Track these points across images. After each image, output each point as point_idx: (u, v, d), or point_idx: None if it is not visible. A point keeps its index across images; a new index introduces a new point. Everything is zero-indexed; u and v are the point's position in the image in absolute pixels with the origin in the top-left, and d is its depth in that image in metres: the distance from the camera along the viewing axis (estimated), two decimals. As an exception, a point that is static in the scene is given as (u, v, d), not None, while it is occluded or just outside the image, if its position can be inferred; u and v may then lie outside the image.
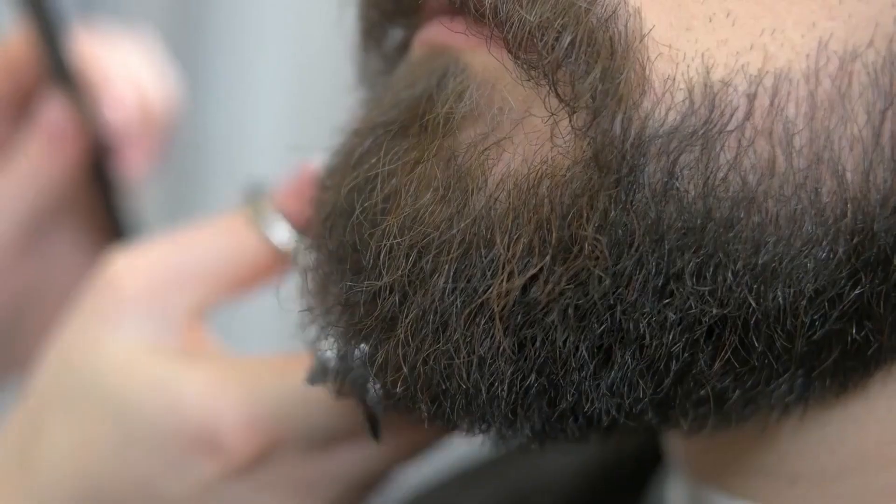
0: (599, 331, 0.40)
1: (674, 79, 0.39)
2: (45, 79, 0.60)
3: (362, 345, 0.42)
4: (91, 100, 0.60)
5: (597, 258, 0.39)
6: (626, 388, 0.41)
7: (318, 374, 0.43)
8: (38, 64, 0.60)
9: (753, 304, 0.39)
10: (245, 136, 1.15)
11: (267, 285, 0.49)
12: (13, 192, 0.60)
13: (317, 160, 0.47)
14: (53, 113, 0.60)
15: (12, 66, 0.61)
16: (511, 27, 0.40)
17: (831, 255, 0.39)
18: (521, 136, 0.41)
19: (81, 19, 0.64)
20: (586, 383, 0.40)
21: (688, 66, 0.39)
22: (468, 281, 0.40)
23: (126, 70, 0.62)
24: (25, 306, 0.63)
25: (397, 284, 0.41)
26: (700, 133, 0.39)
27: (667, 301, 0.40)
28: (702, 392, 0.41)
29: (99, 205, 0.63)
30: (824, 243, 0.39)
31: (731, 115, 0.39)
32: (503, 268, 0.40)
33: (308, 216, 0.46)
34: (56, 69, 0.59)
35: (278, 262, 0.49)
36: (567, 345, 0.40)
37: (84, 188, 0.63)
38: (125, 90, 0.61)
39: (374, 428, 0.43)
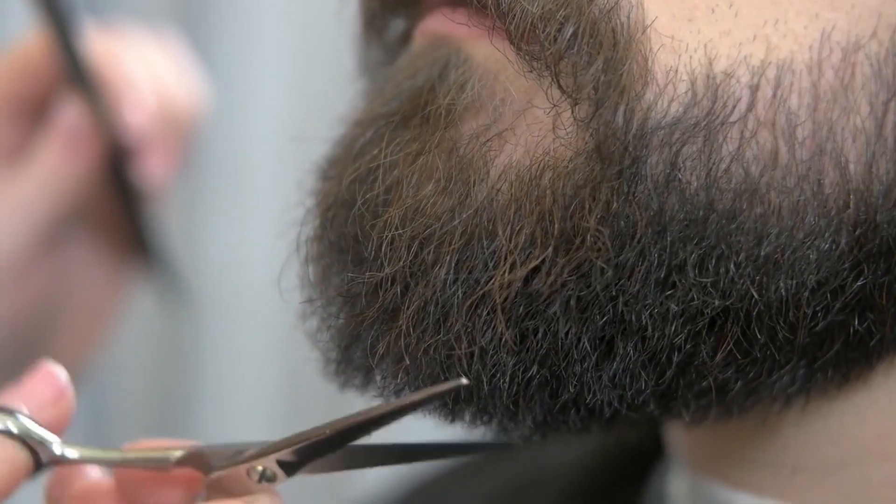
0: (601, 322, 0.40)
1: (676, 70, 0.39)
2: (63, 81, 0.59)
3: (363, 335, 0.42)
4: (109, 102, 0.59)
5: (599, 249, 0.39)
6: (628, 379, 0.41)
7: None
8: (55, 66, 0.59)
9: (756, 296, 0.39)
10: (245, 127, 1.15)
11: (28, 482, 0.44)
12: (31, 194, 0.59)
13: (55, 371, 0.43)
14: (70, 115, 0.59)
15: (30, 69, 0.60)
16: (513, 18, 0.40)
17: (834, 247, 0.39)
18: (523, 127, 0.41)
19: (98, 18, 0.63)
20: (588, 375, 0.40)
21: (690, 58, 0.39)
22: (470, 272, 0.40)
23: (148, 72, 0.61)
24: (45, 312, 0.62)
25: (399, 275, 0.41)
26: (702, 124, 0.39)
27: (669, 292, 0.40)
28: (704, 383, 0.41)
29: (118, 209, 0.63)
30: (827, 234, 0.39)
31: (734, 107, 0.39)
32: (505, 259, 0.40)
33: (58, 420, 0.43)
34: (72, 71, 0.58)
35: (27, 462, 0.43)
36: (569, 336, 0.40)
37: (103, 192, 0.62)
38: (145, 93, 0.60)
39: None
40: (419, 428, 0.52)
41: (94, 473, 0.45)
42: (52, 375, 0.43)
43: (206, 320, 1.17)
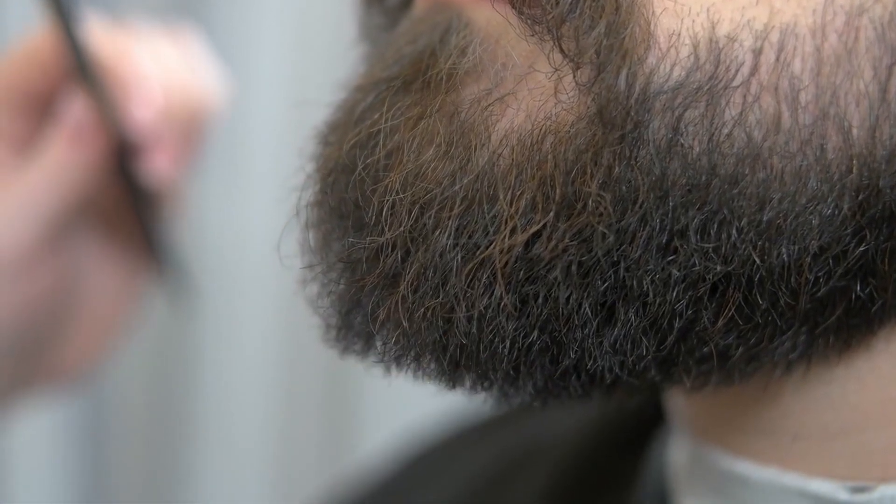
0: (603, 288, 0.40)
1: (679, 34, 0.39)
2: (70, 75, 0.59)
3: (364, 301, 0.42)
4: (115, 97, 0.59)
5: (601, 214, 0.39)
6: (629, 345, 0.41)
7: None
8: (62, 60, 0.59)
9: (758, 261, 0.39)
10: (246, 92, 1.14)
11: None
12: (36, 188, 0.58)
13: None
14: (76, 110, 0.59)
15: (37, 63, 0.60)
16: None
17: (836, 212, 0.39)
18: (525, 91, 0.40)
19: (108, 14, 0.62)
20: (589, 340, 0.40)
21: (693, 21, 0.39)
22: (470, 237, 0.40)
23: (158, 68, 0.60)
24: (54, 308, 0.61)
25: (399, 240, 0.41)
26: (705, 89, 0.39)
27: (671, 258, 0.39)
28: (705, 349, 0.41)
29: (127, 207, 0.62)
30: (829, 200, 0.39)
31: (737, 71, 0.39)
32: (506, 224, 0.40)
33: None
34: (78, 65, 0.58)
35: None
36: (570, 302, 0.40)
37: (111, 189, 0.61)
38: (153, 88, 0.59)
39: None
40: (419, 394, 0.52)
41: None
42: None
43: (205, 286, 1.17)
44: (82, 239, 0.63)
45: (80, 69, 0.58)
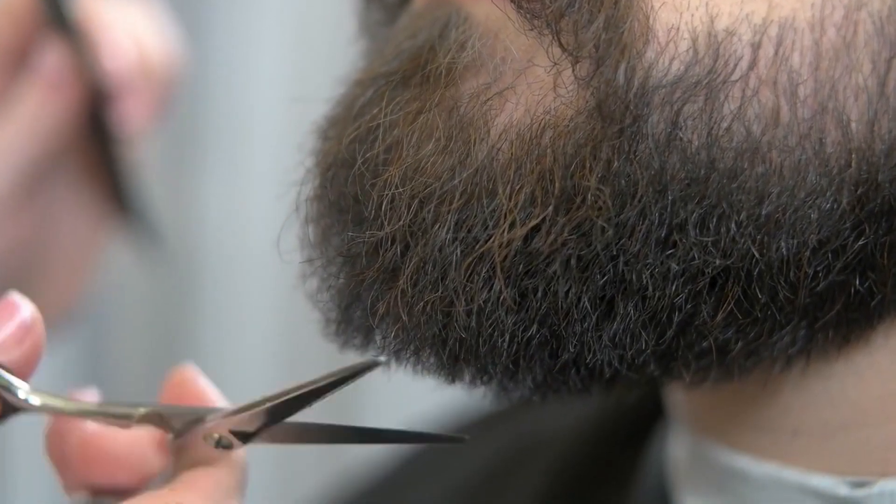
0: (602, 282, 0.40)
1: (678, 28, 0.39)
2: (45, 27, 0.60)
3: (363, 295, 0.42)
4: (89, 47, 0.60)
5: (600, 208, 0.39)
6: (628, 339, 0.41)
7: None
8: (38, 12, 0.60)
9: (757, 255, 0.39)
10: (245, 86, 1.14)
11: None
12: (12, 139, 0.59)
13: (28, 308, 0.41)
14: (52, 60, 0.60)
15: (14, 15, 0.61)
16: None
17: (835, 206, 0.39)
18: (524, 86, 0.40)
19: None
20: (588, 334, 0.40)
21: (692, 16, 0.39)
22: (469, 231, 0.40)
23: (126, 22, 0.62)
24: (27, 259, 0.62)
25: (399, 234, 0.41)
26: (704, 83, 0.39)
27: (670, 252, 0.39)
28: (704, 343, 0.41)
29: (98, 155, 0.63)
30: (828, 194, 0.39)
31: (736, 65, 0.39)
32: (505, 218, 0.40)
33: (24, 360, 0.41)
34: (55, 17, 0.59)
35: None
36: (569, 296, 0.40)
37: (84, 139, 0.62)
38: (124, 40, 0.61)
39: None
40: (420, 389, 0.52)
41: (93, 427, 0.44)
42: (16, 309, 0.41)
43: (206, 281, 1.17)
44: (55, 187, 0.64)
45: (57, 20, 0.59)
